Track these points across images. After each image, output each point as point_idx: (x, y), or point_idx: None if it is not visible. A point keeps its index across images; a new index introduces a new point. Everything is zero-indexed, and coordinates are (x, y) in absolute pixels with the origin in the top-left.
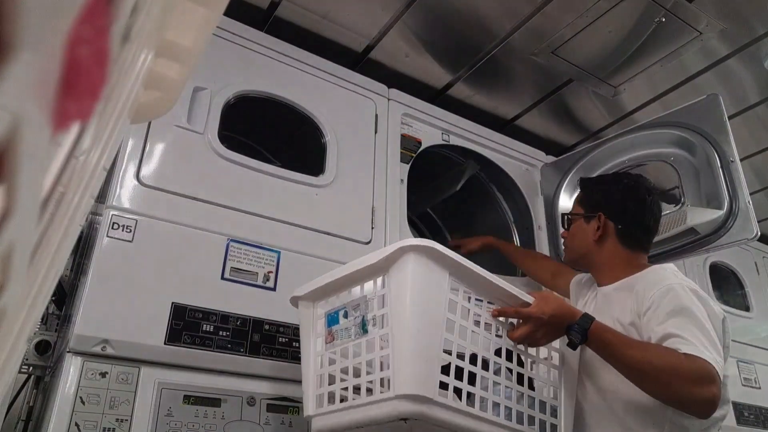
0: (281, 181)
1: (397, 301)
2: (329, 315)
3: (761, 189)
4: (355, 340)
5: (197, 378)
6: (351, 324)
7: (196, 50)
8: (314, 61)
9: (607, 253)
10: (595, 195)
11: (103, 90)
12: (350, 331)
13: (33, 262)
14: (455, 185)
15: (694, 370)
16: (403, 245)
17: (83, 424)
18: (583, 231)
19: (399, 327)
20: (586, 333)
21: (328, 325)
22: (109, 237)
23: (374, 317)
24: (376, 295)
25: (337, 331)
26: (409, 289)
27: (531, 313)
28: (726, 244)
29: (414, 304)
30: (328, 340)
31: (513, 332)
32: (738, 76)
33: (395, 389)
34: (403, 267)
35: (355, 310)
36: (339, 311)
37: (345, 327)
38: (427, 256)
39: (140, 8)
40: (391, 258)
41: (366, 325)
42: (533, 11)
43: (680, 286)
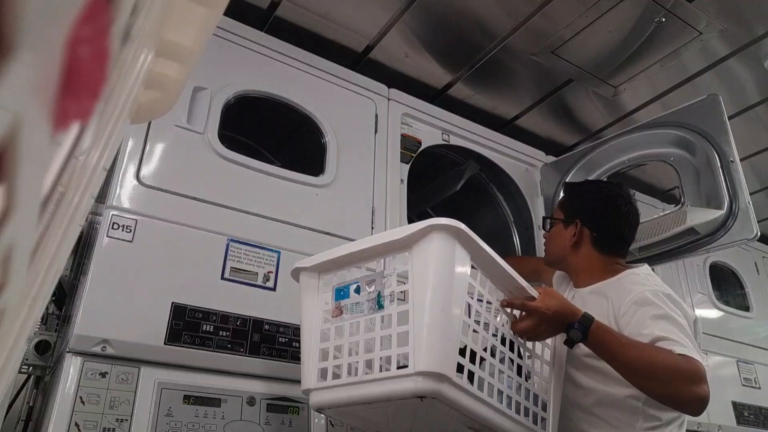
0: (281, 181)
1: (420, 278)
2: (338, 289)
3: (761, 189)
4: (369, 315)
5: (197, 378)
6: (364, 299)
7: (196, 50)
8: (314, 61)
9: (583, 257)
10: (574, 201)
11: (103, 90)
12: (362, 306)
13: (33, 262)
14: (455, 185)
15: (690, 370)
16: (431, 223)
17: (83, 424)
18: (561, 235)
19: (421, 304)
20: (587, 332)
21: (336, 299)
22: (109, 237)
23: (392, 293)
24: (395, 272)
25: (346, 305)
26: (434, 267)
27: (537, 307)
28: (726, 244)
29: (438, 282)
30: (335, 314)
31: (517, 324)
32: (738, 76)
33: (416, 366)
34: (429, 245)
35: (369, 285)
36: (350, 285)
37: (356, 302)
38: (453, 235)
39: (140, 8)
40: (416, 235)
41: (382, 301)
42: (533, 11)
43: (654, 292)
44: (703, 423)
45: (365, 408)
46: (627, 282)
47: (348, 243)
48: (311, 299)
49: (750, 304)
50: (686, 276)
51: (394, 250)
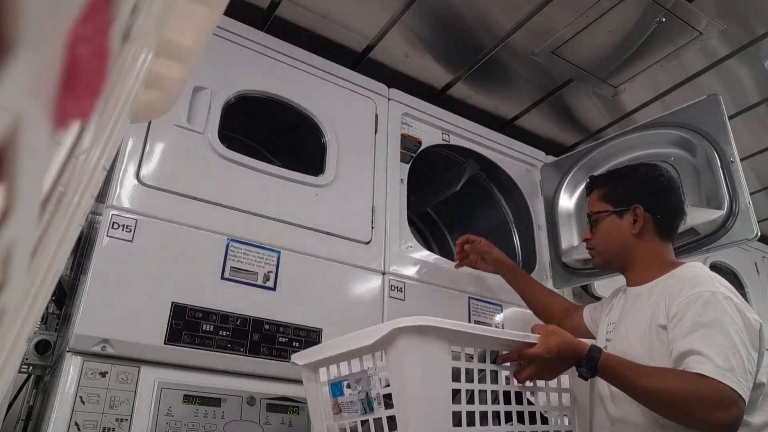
0: (281, 181)
1: (398, 382)
2: (333, 384)
3: (761, 189)
4: (363, 416)
5: (197, 378)
6: (356, 398)
7: (196, 50)
8: (314, 60)
9: (647, 247)
10: (622, 187)
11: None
12: (356, 406)
13: (33, 261)
14: (455, 185)
15: (711, 395)
16: (396, 326)
17: (83, 424)
18: (617, 227)
19: (404, 408)
20: (595, 367)
21: (333, 395)
22: (109, 237)
23: (378, 395)
24: (377, 373)
25: (343, 403)
26: (409, 370)
27: (536, 354)
28: (726, 245)
29: (415, 384)
30: (335, 411)
31: (519, 374)
32: (738, 76)
33: None
34: (399, 348)
35: (357, 383)
36: (341, 382)
37: (350, 400)
38: (420, 334)
39: (140, 7)
40: (384, 340)
41: (372, 403)
42: (533, 11)
43: (713, 294)
44: None
45: None
46: (686, 279)
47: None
48: (313, 392)
49: (750, 304)
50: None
51: (370, 352)
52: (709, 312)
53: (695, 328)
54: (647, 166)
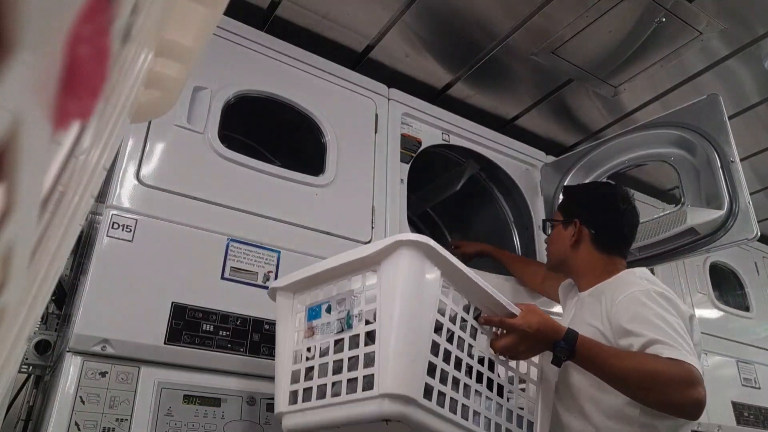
0: (281, 180)
1: (388, 296)
2: (310, 309)
3: (761, 189)
4: (337, 335)
5: (197, 378)
6: (334, 318)
7: (196, 50)
8: (314, 60)
9: (583, 258)
10: (572, 202)
11: (104, 89)
12: (332, 326)
13: (33, 261)
14: (455, 185)
15: (681, 375)
16: (399, 239)
17: (83, 424)
18: (561, 237)
19: (387, 323)
20: (573, 350)
21: (308, 319)
22: (109, 237)
23: (360, 312)
24: (364, 290)
25: (318, 325)
26: (401, 285)
27: (516, 324)
28: (726, 245)
29: (405, 300)
30: (307, 335)
31: (496, 342)
32: (738, 76)
33: (380, 388)
34: (397, 261)
35: (339, 304)
36: (321, 305)
37: (327, 321)
38: (422, 252)
39: (140, 8)
40: (384, 251)
41: (351, 320)
42: (533, 11)
43: (646, 292)
44: (702, 423)
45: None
46: (621, 282)
47: (322, 261)
48: (285, 320)
49: (750, 304)
50: (686, 276)
51: (364, 267)
52: (649, 307)
53: (644, 322)
54: (600, 186)
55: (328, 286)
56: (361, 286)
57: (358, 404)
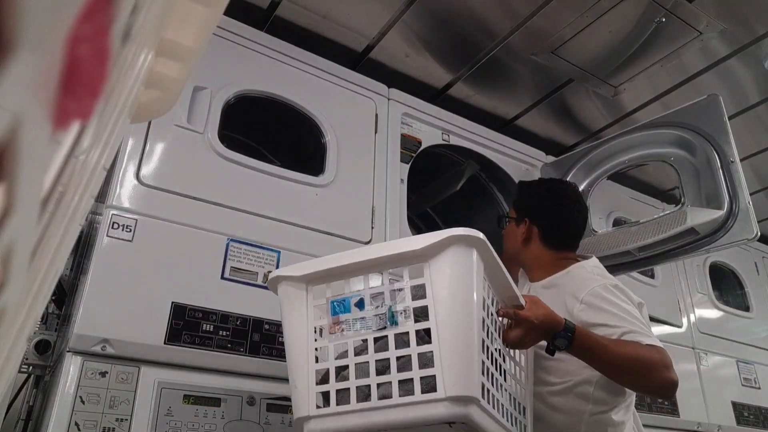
0: (281, 180)
1: (443, 293)
2: (334, 302)
3: (761, 189)
4: (378, 332)
5: (197, 377)
6: (371, 314)
7: (196, 50)
8: (314, 60)
9: (533, 253)
10: (523, 200)
11: (104, 89)
12: (369, 322)
13: (33, 261)
14: (455, 185)
15: (659, 359)
16: (454, 234)
17: (83, 424)
18: (513, 233)
19: (446, 322)
20: (572, 339)
21: (333, 313)
22: (109, 236)
23: (406, 309)
24: (408, 285)
25: (347, 320)
26: (459, 282)
27: (527, 316)
28: (726, 245)
29: (463, 297)
30: (332, 330)
31: (507, 333)
32: (738, 76)
33: (447, 390)
34: (451, 257)
35: (375, 299)
36: (349, 298)
37: (360, 317)
38: (475, 247)
39: (140, 7)
40: (436, 247)
41: (395, 317)
42: (533, 11)
43: (604, 286)
44: (702, 423)
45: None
46: (576, 276)
47: (345, 251)
48: (298, 313)
49: (750, 304)
50: (686, 276)
51: (408, 261)
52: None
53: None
54: (549, 184)
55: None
56: (404, 281)
57: (420, 407)
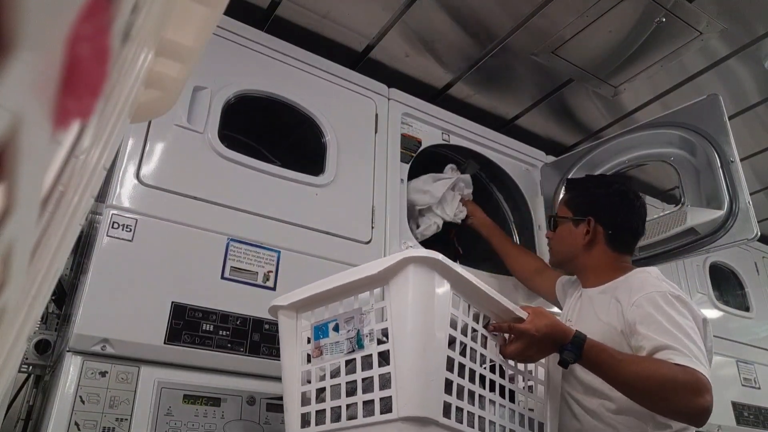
0: (281, 180)
1: (400, 315)
2: (316, 327)
3: (761, 189)
4: (348, 355)
5: (197, 377)
6: (343, 338)
7: (196, 49)
8: (314, 60)
9: (595, 257)
10: (584, 197)
11: (104, 88)
12: (342, 346)
13: (33, 260)
14: None
15: (689, 382)
16: (407, 256)
17: (83, 423)
18: (572, 234)
19: (402, 343)
20: (581, 353)
21: (315, 338)
22: (109, 236)
23: (371, 332)
24: (373, 308)
25: (326, 345)
26: (413, 303)
27: (525, 329)
28: (726, 245)
29: (418, 318)
30: (315, 354)
31: (506, 347)
32: (738, 76)
33: (399, 411)
34: (406, 279)
35: (347, 323)
36: (328, 323)
37: (335, 341)
38: (431, 267)
39: (141, 7)
40: (392, 269)
41: (362, 340)
42: (533, 11)
43: (663, 294)
44: None
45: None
46: (636, 281)
47: (326, 278)
48: (290, 339)
49: (750, 304)
50: (686, 276)
51: (370, 285)
52: (664, 311)
53: (659, 326)
54: (618, 181)
55: (333, 303)
56: (369, 305)
57: (377, 427)
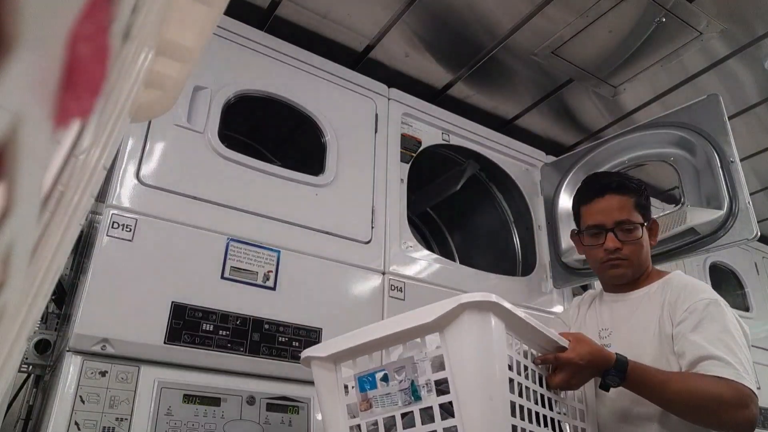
0: (281, 180)
1: (461, 364)
2: (361, 379)
3: (761, 189)
4: (404, 407)
5: (197, 377)
6: (395, 389)
7: (196, 49)
8: (314, 60)
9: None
10: (646, 199)
11: (104, 88)
12: (395, 398)
13: (33, 260)
14: (455, 185)
15: (734, 397)
16: (463, 302)
17: (83, 423)
18: (645, 240)
19: (467, 393)
20: (624, 375)
21: (361, 389)
22: (109, 236)
23: (428, 382)
24: (428, 357)
25: (375, 397)
26: (475, 350)
27: (570, 359)
28: (726, 245)
29: (481, 365)
30: (363, 407)
31: (551, 378)
32: (738, 76)
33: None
34: (464, 326)
35: (398, 373)
36: (375, 373)
37: (386, 393)
38: (489, 311)
39: (141, 7)
40: (447, 316)
41: (418, 392)
42: (533, 11)
43: (715, 301)
44: None
45: None
46: (685, 287)
47: (367, 327)
48: (330, 390)
49: (750, 304)
50: None
51: (422, 333)
52: (715, 318)
53: (705, 334)
54: None
55: (377, 352)
56: (423, 354)
57: None
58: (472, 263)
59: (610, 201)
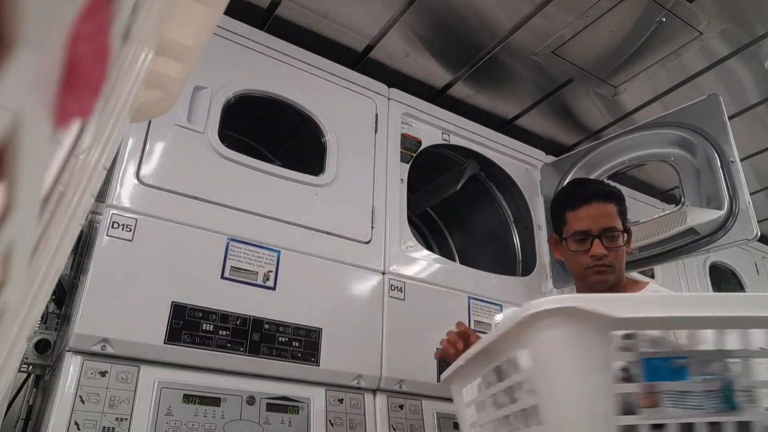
0: (281, 180)
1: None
2: (651, 362)
3: (761, 189)
4: (715, 416)
5: (197, 377)
6: (698, 388)
7: (196, 49)
8: (314, 60)
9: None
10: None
11: (104, 88)
12: (699, 400)
13: (33, 260)
14: (455, 185)
15: None
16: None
17: (83, 423)
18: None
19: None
20: None
21: (647, 378)
22: (109, 236)
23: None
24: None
25: (671, 392)
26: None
27: None
28: (726, 245)
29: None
30: (644, 401)
31: None
32: (738, 76)
33: None
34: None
35: (704, 366)
36: (670, 360)
37: (686, 390)
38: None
39: (141, 7)
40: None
41: (732, 398)
42: (533, 11)
43: None
44: None
45: None
46: None
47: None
48: (461, 413)
49: None
50: (686, 276)
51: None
52: None
53: None
54: None
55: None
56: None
57: None
58: (472, 263)
59: (598, 208)
